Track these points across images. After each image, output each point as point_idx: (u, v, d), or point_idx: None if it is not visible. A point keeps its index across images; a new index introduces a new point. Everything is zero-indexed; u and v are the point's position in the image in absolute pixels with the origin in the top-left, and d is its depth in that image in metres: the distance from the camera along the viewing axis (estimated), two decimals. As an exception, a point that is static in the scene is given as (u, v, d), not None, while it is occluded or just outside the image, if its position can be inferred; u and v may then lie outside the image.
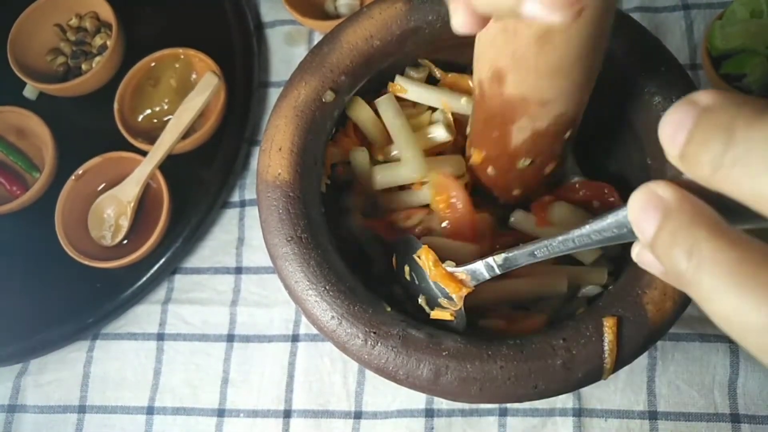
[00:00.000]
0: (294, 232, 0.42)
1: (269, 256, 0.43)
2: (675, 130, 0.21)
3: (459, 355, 0.38)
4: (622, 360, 0.39)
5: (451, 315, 0.43)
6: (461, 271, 0.42)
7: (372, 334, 0.39)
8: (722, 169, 0.20)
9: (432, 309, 0.43)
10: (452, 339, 0.39)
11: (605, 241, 0.30)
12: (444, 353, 0.39)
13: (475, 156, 0.47)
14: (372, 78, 0.49)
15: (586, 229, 0.31)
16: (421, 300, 0.44)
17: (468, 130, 0.48)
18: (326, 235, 0.44)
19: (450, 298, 0.43)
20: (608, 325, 0.39)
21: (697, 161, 0.20)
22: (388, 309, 0.41)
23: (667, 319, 0.39)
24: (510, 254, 0.39)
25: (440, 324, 0.43)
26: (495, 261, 0.40)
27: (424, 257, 0.43)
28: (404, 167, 0.49)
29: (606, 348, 0.38)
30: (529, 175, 0.46)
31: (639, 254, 0.26)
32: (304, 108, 0.46)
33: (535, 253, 0.37)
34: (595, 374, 0.39)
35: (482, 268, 0.41)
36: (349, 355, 0.40)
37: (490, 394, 0.38)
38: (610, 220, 0.29)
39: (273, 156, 0.45)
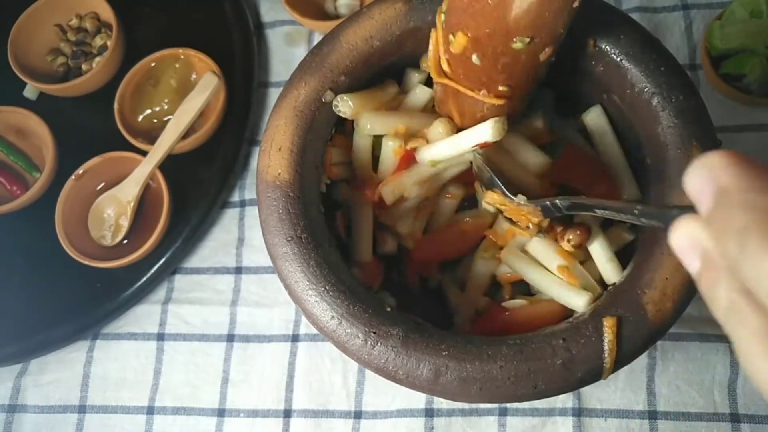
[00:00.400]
0: (294, 232, 0.42)
1: (269, 256, 0.43)
2: (698, 199, 0.22)
3: (459, 355, 0.38)
4: (621, 360, 0.39)
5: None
6: (530, 205, 0.43)
7: (372, 334, 0.39)
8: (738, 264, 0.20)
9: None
10: (452, 339, 0.39)
11: (645, 223, 0.33)
12: (444, 353, 0.39)
13: (459, 40, 0.40)
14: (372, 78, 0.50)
15: (637, 209, 0.33)
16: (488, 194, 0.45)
17: (443, 8, 0.41)
18: (326, 235, 0.44)
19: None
20: (608, 325, 0.39)
21: (720, 242, 0.21)
22: (388, 309, 0.41)
23: (667, 320, 0.39)
24: (573, 201, 0.40)
25: (440, 324, 0.43)
26: (560, 202, 0.41)
27: (494, 197, 0.45)
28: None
29: (606, 348, 0.38)
30: (522, 60, 0.40)
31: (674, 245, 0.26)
32: (304, 108, 0.46)
33: (596, 211, 0.38)
34: (595, 374, 0.39)
35: (549, 204, 0.42)
36: (349, 355, 0.40)
37: (490, 394, 0.38)
38: (662, 213, 0.31)
39: (273, 156, 0.45)
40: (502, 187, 0.44)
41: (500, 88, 0.42)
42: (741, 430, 0.56)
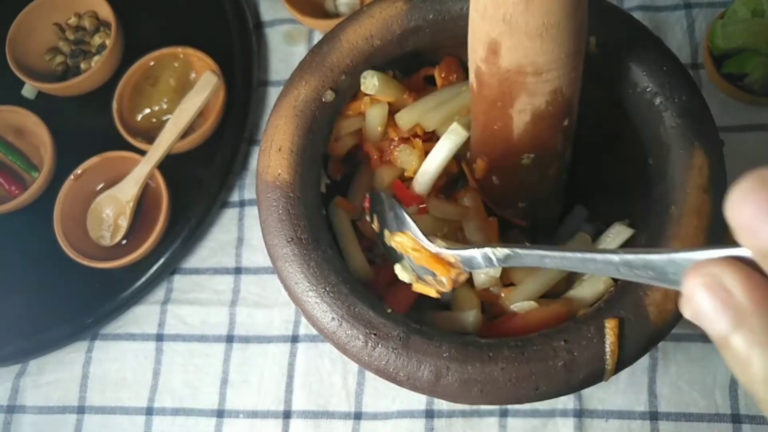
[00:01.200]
0: (294, 233, 0.42)
1: (269, 256, 0.43)
2: (750, 228, 0.18)
3: (460, 357, 0.38)
4: (623, 361, 0.39)
5: (437, 292, 0.40)
6: (450, 255, 0.38)
7: (372, 335, 0.39)
8: None
9: (414, 281, 0.41)
10: (453, 340, 0.39)
11: (634, 277, 0.27)
12: (445, 354, 0.38)
13: (480, 165, 0.46)
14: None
15: (616, 259, 0.28)
16: (398, 268, 0.41)
17: (470, 140, 0.47)
18: (326, 236, 0.44)
19: (437, 278, 0.39)
20: (610, 327, 0.38)
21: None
22: (389, 310, 0.41)
23: (669, 321, 0.39)
24: (516, 251, 0.34)
25: (441, 324, 0.43)
26: (495, 254, 0.35)
27: (402, 241, 0.40)
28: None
29: (607, 349, 0.38)
30: (533, 178, 0.46)
31: (692, 318, 0.23)
32: (304, 108, 0.45)
33: (545, 261, 0.33)
34: (597, 376, 0.39)
35: (479, 256, 0.36)
36: (350, 357, 0.40)
37: (491, 396, 0.38)
38: (654, 262, 0.25)
39: (273, 156, 0.44)
40: (416, 227, 0.40)
41: (520, 204, 0.48)
42: (742, 431, 0.56)
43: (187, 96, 0.68)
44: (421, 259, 0.39)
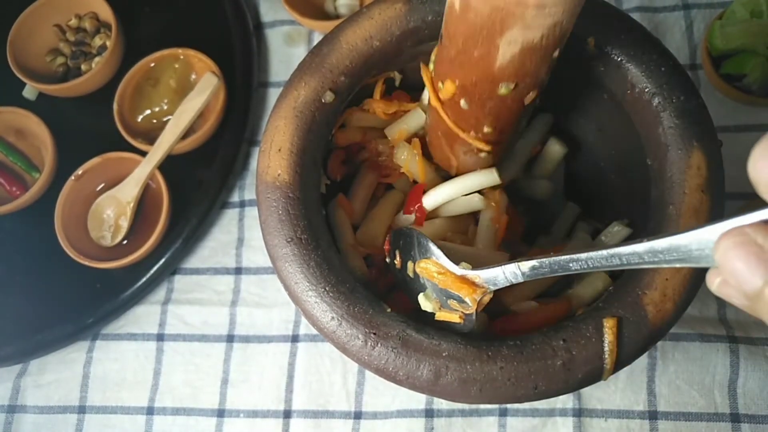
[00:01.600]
0: (294, 233, 0.42)
1: (269, 257, 0.43)
2: None
3: (459, 356, 0.38)
4: (622, 361, 0.39)
5: (460, 317, 0.41)
6: (475, 275, 0.39)
7: (372, 335, 0.39)
8: None
9: (437, 309, 0.42)
10: (452, 340, 0.39)
11: (660, 263, 0.28)
12: (444, 354, 0.39)
13: (447, 88, 0.42)
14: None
15: (641, 248, 0.28)
16: (422, 298, 0.43)
17: (432, 59, 0.44)
18: (326, 236, 0.44)
19: (462, 301, 0.41)
20: (608, 326, 0.39)
21: None
22: (389, 309, 0.41)
23: (667, 320, 0.39)
24: (542, 261, 0.35)
25: (441, 325, 0.43)
26: (520, 268, 0.36)
27: (426, 266, 0.42)
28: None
29: (606, 349, 0.38)
30: (507, 104, 0.42)
31: (720, 287, 0.24)
32: (303, 109, 0.46)
33: (571, 265, 0.34)
34: (595, 375, 0.39)
35: (502, 274, 0.38)
36: (349, 356, 0.40)
37: (490, 395, 0.38)
38: (679, 243, 0.26)
39: (273, 157, 0.45)
40: (441, 252, 0.41)
41: (485, 129, 0.44)
42: (741, 430, 0.56)
43: (188, 97, 0.69)
44: (447, 281, 0.41)
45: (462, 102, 0.42)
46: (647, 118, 0.44)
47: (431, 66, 0.44)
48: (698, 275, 0.39)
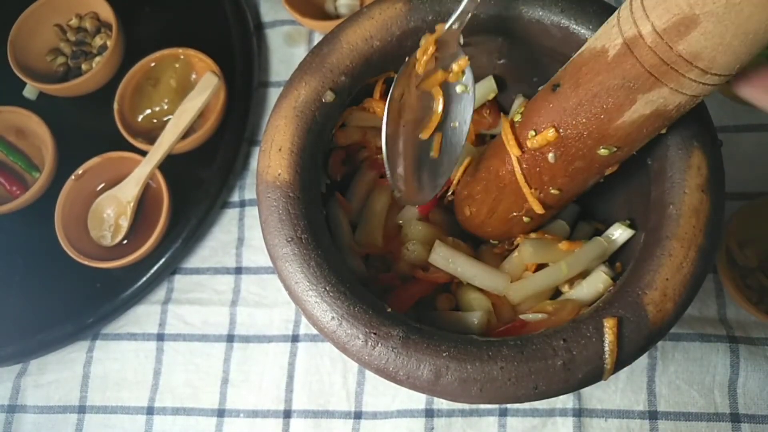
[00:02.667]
0: (294, 233, 0.42)
1: (269, 256, 0.43)
2: None
3: (459, 356, 0.38)
4: (622, 361, 0.39)
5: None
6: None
7: (372, 335, 0.39)
8: None
9: None
10: (452, 340, 0.39)
11: None
12: (444, 354, 0.39)
13: (545, 136, 0.40)
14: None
15: None
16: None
17: (516, 109, 0.43)
18: (326, 236, 0.44)
19: None
20: (609, 326, 0.39)
21: None
22: (389, 309, 0.41)
23: (667, 320, 0.39)
24: None
25: (441, 324, 0.43)
26: None
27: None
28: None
29: (606, 349, 0.38)
30: (593, 169, 0.41)
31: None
32: (304, 108, 0.46)
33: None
34: (596, 375, 0.39)
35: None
36: (350, 356, 0.40)
37: (491, 395, 0.38)
38: None
39: (273, 156, 0.45)
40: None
41: (552, 190, 0.43)
42: (741, 430, 0.56)
43: (188, 97, 0.69)
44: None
45: (550, 155, 0.41)
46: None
47: (518, 117, 0.43)
48: (698, 275, 0.39)
